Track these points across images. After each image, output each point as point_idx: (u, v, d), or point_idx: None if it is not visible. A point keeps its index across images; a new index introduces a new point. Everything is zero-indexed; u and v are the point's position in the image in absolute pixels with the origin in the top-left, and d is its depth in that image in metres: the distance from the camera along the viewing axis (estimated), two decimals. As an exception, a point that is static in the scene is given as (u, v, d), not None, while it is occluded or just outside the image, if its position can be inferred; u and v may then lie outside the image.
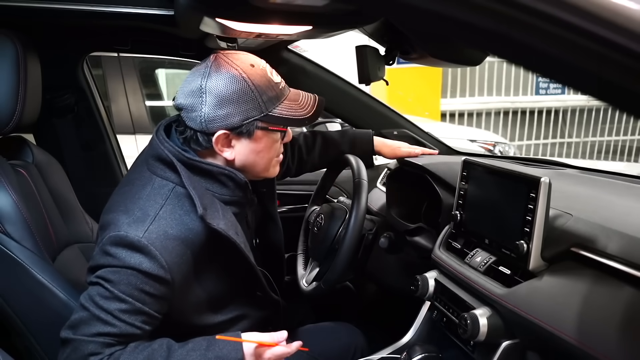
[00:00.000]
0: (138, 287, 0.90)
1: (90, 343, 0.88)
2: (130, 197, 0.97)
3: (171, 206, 0.95)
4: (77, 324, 0.89)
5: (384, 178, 1.77)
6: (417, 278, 1.24)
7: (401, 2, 0.49)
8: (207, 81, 0.96)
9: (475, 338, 0.99)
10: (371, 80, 1.41)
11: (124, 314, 0.89)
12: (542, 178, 0.93)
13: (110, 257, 0.90)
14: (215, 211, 0.97)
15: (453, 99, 6.18)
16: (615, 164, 5.88)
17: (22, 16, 1.26)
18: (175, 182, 0.97)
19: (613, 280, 0.83)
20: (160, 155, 0.98)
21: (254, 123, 0.98)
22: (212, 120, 0.96)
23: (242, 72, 0.96)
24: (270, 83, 1.00)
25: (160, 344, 0.93)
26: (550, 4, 0.44)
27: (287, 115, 1.01)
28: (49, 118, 1.72)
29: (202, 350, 0.92)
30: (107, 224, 0.94)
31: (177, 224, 0.94)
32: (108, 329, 0.88)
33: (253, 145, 1.01)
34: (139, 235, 0.90)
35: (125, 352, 0.90)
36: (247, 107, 0.96)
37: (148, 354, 0.90)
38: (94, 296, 0.89)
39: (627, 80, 0.46)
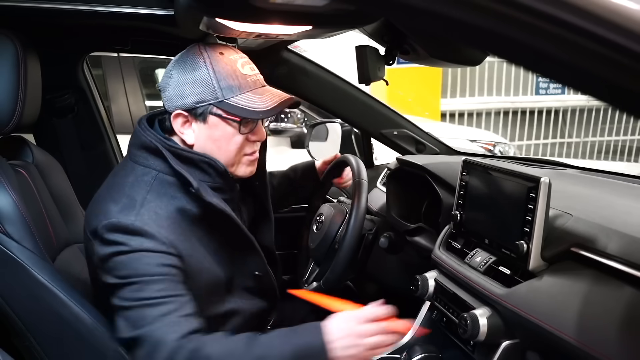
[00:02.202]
0: (154, 263, 0.91)
1: (157, 329, 0.89)
2: (115, 187, 1.00)
3: (156, 192, 0.98)
4: (134, 322, 0.90)
5: (384, 178, 1.77)
6: (417, 278, 1.24)
7: (401, 2, 0.49)
8: (175, 64, 1.03)
9: (475, 338, 0.99)
10: (371, 80, 1.41)
11: (163, 291, 0.90)
12: (542, 178, 0.93)
13: (112, 245, 0.92)
14: (205, 190, 1.00)
15: (453, 99, 6.18)
16: (615, 164, 5.89)
17: (22, 16, 1.26)
18: (158, 169, 1.00)
19: (613, 280, 0.83)
20: (144, 143, 1.01)
21: (207, 107, 1.00)
22: (171, 99, 1.02)
23: (205, 58, 1.01)
24: (235, 73, 1.01)
25: (244, 334, 0.94)
26: (550, 4, 0.44)
27: (242, 105, 1.00)
28: (49, 118, 1.72)
29: (286, 337, 0.93)
30: (96, 214, 0.96)
31: (165, 206, 0.98)
32: (162, 308, 0.90)
33: (209, 132, 1.02)
34: (132, 219, 0.93)
35: (203, 338, 0.90)
36: (202, 89, 0.99)
37: (228, 341, 0.91)
38: (125, 293, 0.91)
39: (627, 80, 0.46)
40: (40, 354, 1.03)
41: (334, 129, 1.94)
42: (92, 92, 1.80)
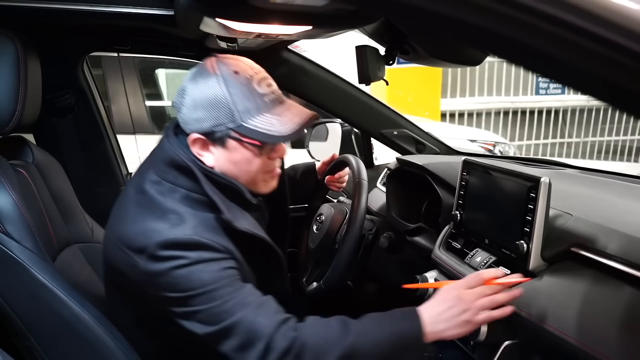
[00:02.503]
0: (217, 269, 0.90)
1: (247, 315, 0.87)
2: (150, 204, 0.95)
3: (194, 209, 0.95)
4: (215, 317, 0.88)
5: (384, 178, 1.77)
6: (417, 278, 1.24)
7: (401, 2, 0.49)
8: (188, 82, 0.97)
9: (475, 338, 0.99)
10: (371, 80, 1.41)
11: (235, 290, 0.90)
12: (542, 178, 0.93)
13: (169, 260, 0.89)
14: (235, 213, 0.98)
15: (453, 99, 6.18)
16: (615, 164, 5.88)
17: (22, 16, 1.26)
18: (187, 189, 0.96)
19: (613, 280, 0.83)
20: (175, 161, 0.97)
21: (226, 132, 0.95)
22: (187, 122, 0.97)
23: (220, 78, 0.94)
24: (252, 93, 0.95)
25: (336, 318, 0.92)
26: (550, 4, 0.44)
27: (262, 129, 0.95)
28: (49, 118, 1.72)
29: (381, 324, 0.91)
30: (141, 234, 0.92)
31: (209, 220, 0.96)
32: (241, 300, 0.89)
33: (229, 155, 0.98)
34: (188, 233, 0.90)
35: (304, 325, 0.89)
36: (218, 114, 0.94)
37: (325, 328, 0.90)
38: (194, 302, 0.88)
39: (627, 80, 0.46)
40: (41, 354, 1.03)
41: (334, 129, 1.94)
42: (92, 92, 1.80)
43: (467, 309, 0.89)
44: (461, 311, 0.89)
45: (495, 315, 0.91)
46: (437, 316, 0.90)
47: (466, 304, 0.90)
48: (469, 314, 0.89)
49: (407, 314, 0.92)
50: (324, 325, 0.91)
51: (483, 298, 0.90)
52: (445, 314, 0.90)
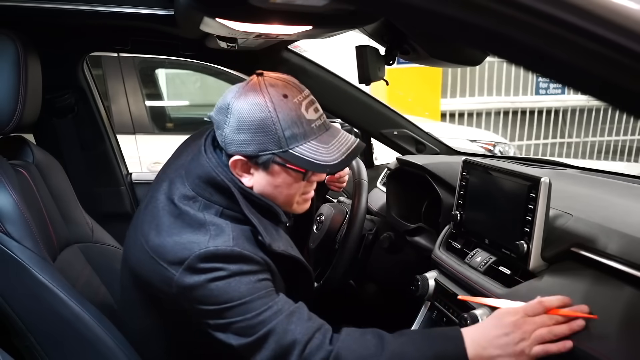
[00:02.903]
0: (254, 281, 0.90)
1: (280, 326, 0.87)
2: (188, 217, 0.93)
3: (232, 222, 0.95)
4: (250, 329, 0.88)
5: (384, 178, 1.77)
6: (417, 278, 1.24)
7: (401, 2, 0.49)
8: (235, 101, 0.93)
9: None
10: (371, 80, 1.41)
11: (271, 301, 0.89)
12: (542, 178, 0.93)
13: (208, 272, 0.88)
14: (271, 234, 0.97)
15: (453, 99, 6.18)
16: (615, 164, 5.88)
17: (22, 16, 1.26)
18: (223, 206, 0.95)
19: (613, 280, 0.83)
20: (213, 179, 0.95)
21: (271, 157, 0.93)
22: (231, 143, 0.93)
23: (269, 102, 0.91)
24: (300, 119, 0.93)
25: (372, 332, 0.90)
26: (550, 4, 0.44)
27: (308, 157, 0.93)
28: (49, 118, 1.72)
29: (419, 344, 0.87)
30: (179, 245, 0.90)
31: (247, 234, 0.95)
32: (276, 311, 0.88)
33: (270, 179, 0.97)
34: (230, 244, 0.89)
35: (339, 337, 0.88)
36: (265, 138, 0.91)
37: (362, 344, 0.88)
38: (232, 315, 0.88)
39: (627, 80, 0.46)
40: (41, 354, 1.03)
41: (333, 128, 1.94)
42: (92, 92, 1.80)
43: (524, 339, 0.82)
44: (517, 340, 0.82)
45: (552, 350, 0.82)
46: (489, 341, 0.84)
47: (523, 333, 0.82)
48: (525, 344, 0.82)
49: (452, 335, 0.87)
50: (359, 340, 0.89)
51: (542, 328, 0.82)
52: (500, 340, 0.83)
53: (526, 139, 6.45)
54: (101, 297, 1.24)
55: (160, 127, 3.50)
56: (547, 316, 0.83)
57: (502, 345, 0.82)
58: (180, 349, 1.04)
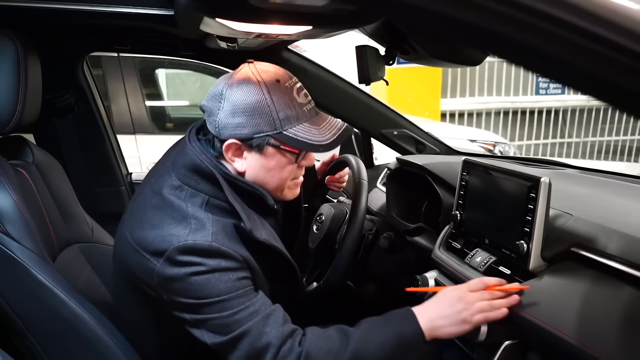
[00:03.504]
0: (233, 279, 0.91)
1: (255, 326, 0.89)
2: (171, 209, 0.95)
3: (214, 215, 0.96)
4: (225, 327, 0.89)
5: (384, 178, 1.77)
6: (417, 278, 1.24)
7: (401, 2, 0.49)
8: (228, 87, 0.95)
9: (476, 338, 0.99)
10: (371, 80, 1.41)
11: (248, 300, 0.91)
12: (542, 178, 0.93)
13: (187, 266, 0.89)
14: (254, 222, 0.98)
15: (453, 99, 6.18)
16: (615, 164, 5.88)
17: (22, 16, 1.26)
18: (209, 194, 0.97)
19: (613, 280, 0.83)
20: (198, 166, 0.97)
21: (265, 138, 0.96)
22: (225, 127, 0.95)
23: (263, 86, 0.95)
24: (292, 102, 0.97)
25: (334, 328, 0.94)
26: (550, 4, 0.44)
27: (301, 138, 0.96)
28: (49, 118, 1.72)
29: (380, 328, 0.93)
30: (160, 237, 0.92)
31: (229, 227, 0.96)
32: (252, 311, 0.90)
33: (263, 161, 0.99)
34: (209, 240, 0.90)
35: (306, 338, 0.91)
36: (260, 120, 0.94)
37: (328, 341, 0.91)
38: (208, 310, 0.89)
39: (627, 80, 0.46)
40: (41, 354, 1.03)
41: (333, 128, 1.94)
42: (92, 92, 1.80)
43: (466, 309, 0.92)
44: (460, 310, 0.92)
45: (491, 317, 0.93)
46: (437, 314, 0.93)
47: (465, 304, 0.93)
48: (467, 313, 0.92)
49: (405, 315, 0.94)
50: (324, 336, 0.92)
51: (482, 301, 0.93)
52: (444, 312, 0.93)
53: (526, 139, 6.45)
54: (101, 297, 1.24)
55: (160, 127, 3.51)
56: (486, 292, 0.95)
57: (447, 315, 0.92)
58: (173, 344, 1.05)
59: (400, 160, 1.56)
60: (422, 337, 0.91)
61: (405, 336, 0.91)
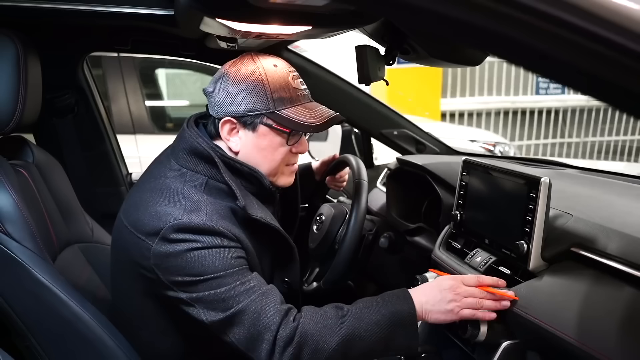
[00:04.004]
0: (228, 257, 0.93)
1: (253, 303, 0.91)
2: (167, 190, 0.98)
3: (211, 196, 0.99)
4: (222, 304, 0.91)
5: (384, 178, 1.77)
6: (417, 278, 1.24)
7: (401, 2, 0.49)
8: (229, 69, 1.03)
9: (475, 338, 0.99)
10: (371, 80, 1.41)
11: (242, 278, 0.93)
12: (542, 178, 0.93)
13: (182, 243, 0.92)
14: (251, 202, 1.02)
15: (453, 99, 6.19)
16: (615, 164, 5.89)
17: (22, 16, 1.26)
18: (208, 176, 1.01)
19: (613, 280, 0.83)
20: (196, 148, 1.01)
21: (258, 117, 1.01)
22: (222, 105, 1.01)
23: (260, 68, 1.02)
24: (288, 86, 1.03)
25: (330, 305, 0.96)
26: (551, 4, 0.44)
27: (293, 118, 1.02)
28: (49, 118, 1.72)
29: (375, 306, 0.95)
30: (154, 216, 0.94)
31: (224, 209, 0.99)
32: (247, 288, 0.92)
33: (257, 140, 1.03)
34: (203, 219, 0.94)
35: (302, 315, 0.92)
36: (255, 99, 1.00)
37: (325, 317, 0.92)
38: (203, 288, 0.91)
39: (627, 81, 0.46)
40: (41, 354, 1.03)
41: (334, 129, 1.95)
42: (92, 92, 1.80)
43: (454, 300, 0.95)
44: (449, 300, 0.95)
45: (479, 315, 0.95)
46: (426, 298, 0.96)
47: (455, 295, 0.95)
48: (455, 304, 0.94)
49: (401, 295, 0.97)
50: (321, 314, 0.94)
51: (473, 298, 0.95)
52: (434, 297, 0.95)
53: (526, 139, 6.45)
54: (101, 297, 1.24)
55: (160, 127, 3.50)
56: (479, 289, 0.96)
57: (437, 302, 0.95)
58: (171, 336, 1.05)
59: (400, 160, 1.56)
60: (414, 317, 0.94)
61: (399, 314, 0.93)
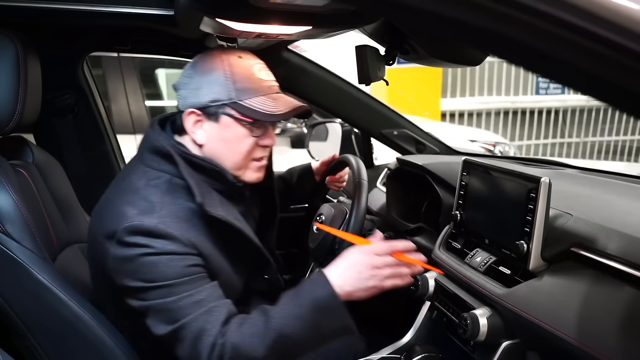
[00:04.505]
0: (180, 266, 0.92)
1: (196, 320, 0.90)
2: (128, 191, 0.99)
3: (171, 195, 0.98)
4: (169, 318, 0.91)
5: (384, 178, 1.77)
6: (417, 278, 1.24)
7: (401, 2, 0.49)
8: (193, 64, 1.04)
9: (475, 338, 0.99)
10: (371, 80, 1.41)
11: (193, 288, 0.92)
12: (542, 178, 0.93)
13: (134, 247, 0.91)
14: (212, 200, 1.00)
15: (453, 99, 6.18)
16: (615, 164, 5.88)
17: (22, 16, 1.26)
18: (171, 174, 1.00)
19: (613, 280, 0.83)
20: (157, 147, 1.01)
21: (221, 107, 1.01)
22: (186, 97, 1.02)
23: (225, 59, 1.02)
24: (251, 76, 1.02)
25: (257, 311, 0.94)
26: (551, 4, 0.44)
27: (255, 108, 1.00)
28: (49, 118, 1.72)
29: (295, 299, 0.93)
30: (112, 217, 0.95)
31: (182, 209, 0.98)
32: (195, 301, 0.91)
33: (220, 132, 1.02)
34: (154, 221, 0.92)
35: (230, 329, 0.91)
36: (217, 89, 1.00)
37: (250, 326, 0.91)
38: (153, 296, 0.91)
39: (627, 81, 0.46)
40: (41, 354, 1.03)
41: (334, 129, 1.94)
42: (92, 92, 1.80)
43: (374, 276, 0.93)
44: (368, 277, 0.92)
45: (399, 284, 0.95)
46: (344, 281, 0.92)
47: (373, 269, 0.93)
48: (375, 280, 0.93)
49: (316, 281, 0.93)
50: (247, 322, 0.92)
51: (389, 269, 0.94)
52: (352, 277, 0.92)
53: (526, 139, 6.45)
54: (101, 297, 1.24)
55: (160, 127, 3.50)
56: (392, 258, 0.94)
57: (356, 282, 0.92)
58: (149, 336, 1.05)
59: (400, 160, 1.56)
60: (335, 298, 0.90)
61: (320, 301, 0.91)
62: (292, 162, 1.65)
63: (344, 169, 1.51)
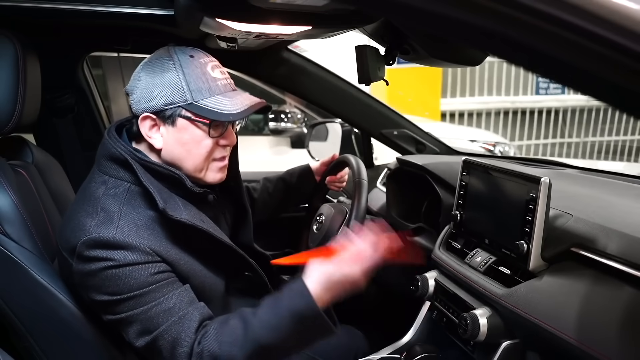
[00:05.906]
0: (144, 275, 0.91)
1: (170, 329, 0.89)
2: (87, 201, 0.97)
3: (130, 204, 0.96)
4: (143, 329, 0.90)
5: (384, 178, 1.77)
6: (417, 278, 1.24)
7: (401, 2, 0.49)
8: (143, 66, 1.01)
9: (475, 338, 0.99)
10: (371, 80, 1.41)
11: (161, 296, 0.91)
12: (542, 178, 0.93)
13: (95, 261, 0.90)
14: (175, 204, 0.99)
15: (453, 99, 6.18)
16: (615, 164, 5.88)
17: (22, 16, 1.25)
18: (130, 182, 0.98)
19: (613, 280, 0.83)
20: (113, 154, 0.99)
21: (177, 110, 0.98)
22: (139, 102, 0.99)
23: (175, 60, 0.99)
24: (205, 76, 1.00)
25: (236, 318, 0.93)
26: (551, 4, 0.44)
27: (211, 108, 0.98)
28: (49, 118, 1.72)
29: (274, 309, 0.91)
30: (72, 230, 0.94)
31: (143, 216, 0.96)
32: (166, 308, 0.90)
33: (178, 135, 0.99)
34: (112, 232, 0.91)
35: (207, 337, 0.90)
36: (170, 92, 0.97)
37: (229, 334, 0.90)
38: (122, 309, 0.90)
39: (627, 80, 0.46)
40: (40, 354, 1.03)
41: (334, 129, 1.94)
42: (92, 92, 1.80)
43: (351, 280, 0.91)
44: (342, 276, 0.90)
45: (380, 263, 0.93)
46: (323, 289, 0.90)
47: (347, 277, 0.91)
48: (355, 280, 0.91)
49: (295, 290, 0.91)
50: (225, 330, 0.91)
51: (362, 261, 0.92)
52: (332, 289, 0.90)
53: (526, 139, 6.45)
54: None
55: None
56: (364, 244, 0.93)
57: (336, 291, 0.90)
58: None
59: (400, 160, 1.56)
60: (314, 309, 0.88)
61: (298, 313, 0.88)
62: (292, 162, 1.65)
63: (344, 169, 1.51)
